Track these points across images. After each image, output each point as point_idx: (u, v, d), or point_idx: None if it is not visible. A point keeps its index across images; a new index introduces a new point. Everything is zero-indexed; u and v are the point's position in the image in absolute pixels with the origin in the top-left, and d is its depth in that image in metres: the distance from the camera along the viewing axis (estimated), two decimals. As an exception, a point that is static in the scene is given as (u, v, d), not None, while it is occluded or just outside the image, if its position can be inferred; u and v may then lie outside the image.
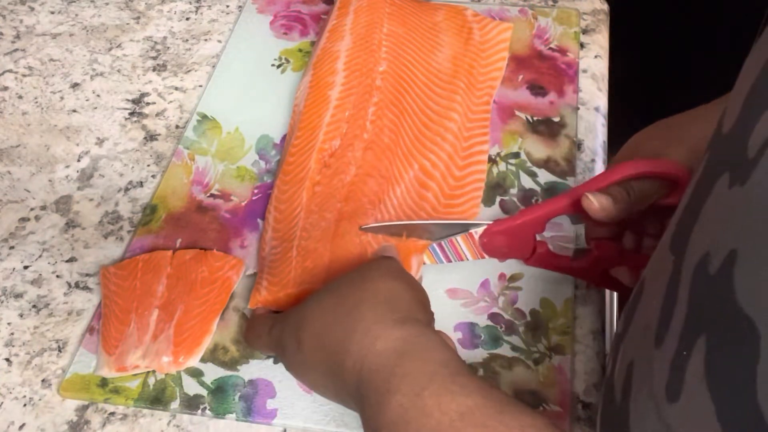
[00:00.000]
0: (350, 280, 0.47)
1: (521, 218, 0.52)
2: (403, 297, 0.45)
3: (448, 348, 0.42)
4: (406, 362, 0.40)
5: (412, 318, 0.43)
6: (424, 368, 0.39)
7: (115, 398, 0.52)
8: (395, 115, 0.63)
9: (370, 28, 0.69)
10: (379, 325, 0.42)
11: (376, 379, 0.40)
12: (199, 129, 0.68)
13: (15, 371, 0.54)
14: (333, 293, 0.47)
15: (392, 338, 0.41)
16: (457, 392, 0.38)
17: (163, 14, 0.81)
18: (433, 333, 0.43)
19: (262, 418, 0.51)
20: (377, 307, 0.43)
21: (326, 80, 0.66)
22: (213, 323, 0.54)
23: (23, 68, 0.77)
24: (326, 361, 0.44)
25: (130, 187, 0.65)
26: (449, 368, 0.40)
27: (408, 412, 0.38)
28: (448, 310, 0.55)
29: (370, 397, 0.40)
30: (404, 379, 0.39)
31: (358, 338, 0.42)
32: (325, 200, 0.58)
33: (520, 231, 0.52)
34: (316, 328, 0.45)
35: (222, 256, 0.58)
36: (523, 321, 0.54)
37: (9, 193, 0.66)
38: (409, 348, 0.41)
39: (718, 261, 0.28)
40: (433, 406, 0.37)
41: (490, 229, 0.53)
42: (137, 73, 0.75)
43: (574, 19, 0.75)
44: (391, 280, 0.46)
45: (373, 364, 0.41)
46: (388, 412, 0.38)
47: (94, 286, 0.59)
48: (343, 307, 0.45)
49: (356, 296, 0.45)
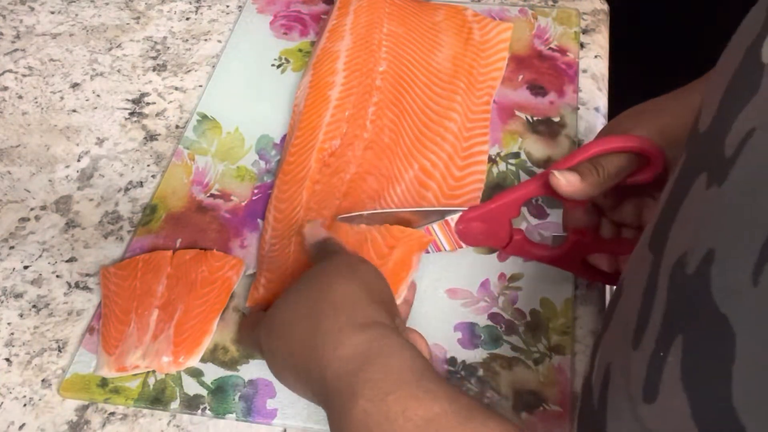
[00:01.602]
0: (309, 282, 0.46)
1: (496, 202, 0.52)
2: (361, 299, 0.44)
3: (414, 351, 0.41)
4: (370, 367, 0.39)
5: (375, 321, 0.42)
6: (388, 373, 0.39)
7: (115, 398, 0.52)
8: (395, 114, 0.63)
9: (370, 28, 0.69)
10: (341, 333, 0.41)
11: (341, 385, 0.39)
12: (199, 129, 0.68)
13: (15, 371, 0.54)
14: (295, 300, 0.46)
15: (355, 344, 0.41)
16: (422, 398, 0.37)
17: (163, 14, 0.81)
18: (396, 335, 0.42)
19: (262, 418, 0.51)
20: (337, 314, 0.43)
21: (326, 80, 0.66)
22: (213, 323, 0.54)
23: (23, 68, 0.77)
24: (294, 364, 0.44)
25: (130, 187, 0.65)
26: (414, 373, 0.39)
27: (372, 418, 0.37)
28: (448, 310, 0.55)
29: (335, 403, 0.40)
30: (368, 384, 0.38)
31: (320, 345, 0.41)
32: (325, 198, 0.58)
33: (496, 216, 0.53)
34: (283, 331, 0.45)
35: (222, 256, 0.58)
36: (523, 321, 0.54)
37: (9, 193, 0.66)
38: (373, 353, 0.40)
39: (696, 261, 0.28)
40: (398, 412, 0.37)
41: (466, 215, 0.53)
42: (137, 73, 0.75)
43: (574, 19, 0.75)
44: (348, 281, 0.45)
45: (337, 371, 0.40)
46: (352, 418, 0.38)
47: (94, 286, 0.59)
48: (304, 313, 0.44)
49: (313, 302, 0.44)
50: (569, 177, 0.48)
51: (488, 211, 0.53)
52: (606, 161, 0.49)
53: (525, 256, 0.55)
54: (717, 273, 0.27)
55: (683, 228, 0.31)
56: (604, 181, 0.48)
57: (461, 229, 0.54)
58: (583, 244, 0.53)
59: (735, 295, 0.26)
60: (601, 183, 0.48)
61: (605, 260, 0.53)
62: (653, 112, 0.51)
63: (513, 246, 0.54)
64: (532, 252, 0.54)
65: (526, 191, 0.52)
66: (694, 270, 0.28)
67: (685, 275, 0.29)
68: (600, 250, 0.53)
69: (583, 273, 0.55)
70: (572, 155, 0.49)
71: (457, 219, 0.53)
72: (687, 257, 0.29)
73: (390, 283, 0.52)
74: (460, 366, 0.52)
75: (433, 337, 0.53)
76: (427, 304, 0.55)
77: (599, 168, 0.48)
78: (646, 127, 0.49)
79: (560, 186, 0.48)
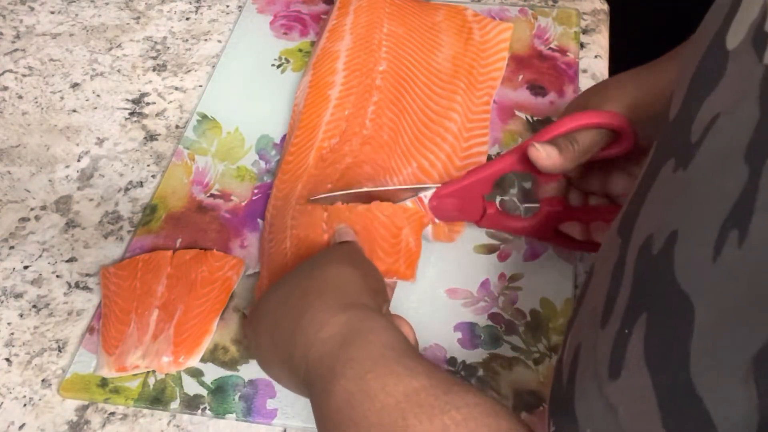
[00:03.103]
0: (302, 269, 0.47)
1: (469, 179, 0.53)
2: (352, 282, 0.44)
3: (395, 330, 0.41)
4: (350, 347, 0.39)
5: (359, 303, 0.43)
6: (368, 352, 0.39)
7: (115, 398, 0.52)
8: (395, 114, 0.63)
9: (370, 28, 0.69)
10: (324, 313, 0.42)
11: (321, 366, 0.40)
12: (199, 129, 0.68)
13: (15, 371, 0.54)
14: (286, 284, 0.46)
15: (337, 324, 0.41)
16: (402, 374, 0.38)
17: (163, 14, 0.81)
18: (379, 316, 0.42)
19: (262, 418, 0.51)
20: (324, 295, 0.43)
21: (326, 80, 0.66)
22: (213, 323, 0.54)
23: (23, 68, 0.77)
24: (279, 351, 0.44)
25: (130, 187, 0.65)
26: (395, 350, 0.39)
27: (353, 397, 0.37)
28: (448, 310, 0.55)
29: (317, 385, 0.40)
30: (348, 363, 0.39)
31: (305, 327, 0.42)
32: (316, 185, 0.58)
33: (469, 192, 0.53)
34: (270, 319, 0.45)
35: (222, 256, 0.58)
36: (523, 321, 0.54)
37: (9, 193, 0.66)
38: (353, 333, 0.40)
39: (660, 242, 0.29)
40: (378, 389, 0.37)
41: (439, 192, 0.54)
42: (137, 73, 0.75)
43: (574, 19, 0.75)
44: (340, 266, 0.46)
45: (318, 352, 0.40)
46: (333, 398, 0.38)
47: (94, 286, 0.59)
48: (293, 297, 0.44)
49: (305, 285, 0.45)
50: (549, 150, 0.49)
51: (461, 188, 0.53)
52: (580, 136, 0.50)
53: (499, 228, 0.56)
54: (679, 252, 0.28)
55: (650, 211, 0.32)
56: (580, 156, 0.50)
57: (435, 205, 0.54)
58: (555, 213, 0.54)
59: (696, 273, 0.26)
60: (577, 157, 0.50)
61: (577, 228, 0.54)
62: (621, 88, 0.52)
63: (487, 220, 0.55)
64: (505, 224, 0.55)
65: (500, 167, 0.52)
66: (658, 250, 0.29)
67: (650, 256, 0.29)
68: (571, 218, 0.54)
69: (556, 241, 0.56)
70: (547, 130, 0.50)
71: (430, 195, 0.54)
72: (653, 239, 0.30)
73: (407, 264, 0.53)
74: (460, 366, 0.52)
75: (433, 337, 0.53)
76: (427, 304, 0.55)
77: (574, 143, 0.50)
78: (616, 102, 0.51)
79: (540, 159, 0.49)
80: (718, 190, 0.27)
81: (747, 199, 0.25)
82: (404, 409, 0.36)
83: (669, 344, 0.26)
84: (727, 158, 0.27)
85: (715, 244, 0.26)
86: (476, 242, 0.58)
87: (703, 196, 0.28)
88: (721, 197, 0.27)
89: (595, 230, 0.54)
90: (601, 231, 0.53)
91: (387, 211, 0.54)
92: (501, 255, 0.57)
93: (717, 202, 0.27)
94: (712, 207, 0.27)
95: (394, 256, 0.54)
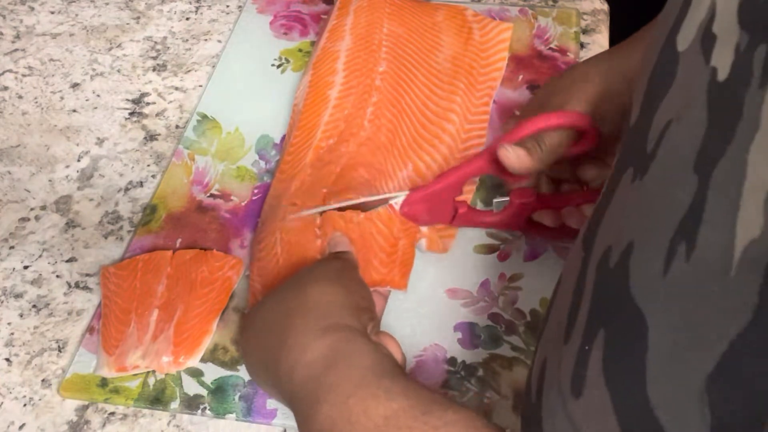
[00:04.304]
0: (288, 286, 0.47)
1: (440, 183, 0.53)
2: (334, 302, 0.44)
3: (377, 353, 0.41)
4: (332, 372, 0.40)
5: (341, 324, 0.43)
6: (349, 376, 0.39)
7: (115, 398, 0.52)
8: (393, 115, 0.63)
9: (370, 28, 0.69)
10: (306, 336, 0.42)
11: (304, 391, 0.40)
12: (199, 129, 0.68)
13: (15, 371, 0.54)
14: (273, 301, 0.47)
15: (318, 348, 0.41)
16: (381, 396, 0.38)
17: (163, 14, 0.81)
18: (361, 337, 0.42)
19: (262, 418, 0.51)
20: (307, 316, 0.43)
21: (326, 80, 0.66)
22: (213, 323, 0.54)
23: (23, 68, 0.77)
24: (265, 368, 0.44)
25: (130, 187, 0.65)
26: (375, 373, 0.39)
27: (336, 424, 0.38)
28: (448, 310, 0.55)
29: (302, 409, 0.40)
30: (330, 389, 0.39)
31: (288, 349, 0.42)
32: (311, 187, 0.57)
33: (440, 196, 0.54)
34: (257, 335, 0.45)
35: (222, 256, 0.58)
36: (523, 321, 0.54)
37: (9, 193, 0.66)
38: (336, 357, 0.40)
39: (617, 254, 0.29)
40: (360, 413, 0.37)
41: (410, 198, 0.54)
42: (137, 73, 0.75)
43: (574, 19, 0.75)
44: (324, 284, 0.45)
45: (301, 377, 0.41)
46: (316, 424, 0.38)
47: (94, 286, 0.59)
48: (278, 317, 0.44)
49: (287, 305, 0.45)
50: (519, 152, 0.50)
51: (432, 193, 0.54)
52: (547, 137, 0.50)
53: (472, 225, 0.56)
54: (634, 265, 0.28)
55: (610, 223, 0.32)
56: (547, 157, 0.51)
57: (406, 211, 0.55)
58: (526, 205, 0.54)
59: (648, 288, 0.26)
60: (544, 158, 0.51)
61: (549, 216, 0.55)
62: (587, 82, 0.52)
63: (459, 219, 0.55)
64: (478, 220, 0.56)
65: (469, 170, 0.53)
66: (615, 263, 0.29)
67: (608, 269, 0.29)
68: (543, 206, 0.55)
69: (530, 231, 0.56)
70: (515, 131, 0.51)
71: (401, 202, 0.54)
72: (611, 251, 0.30)
73: (401, 274, 0.53)
74: (460, 366, 0.52)
75: (433, 337, 0.53)
76: (427, 304, 0.55)
77: (541, 144, 0.50)
78: (577, 100, 0.51)
79: (510, 160, 0.50)
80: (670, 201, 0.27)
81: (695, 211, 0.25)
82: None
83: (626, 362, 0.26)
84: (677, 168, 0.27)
85: (665, 258, 0.26)
86: (476, 242, 0.58)
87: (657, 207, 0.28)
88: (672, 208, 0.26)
89: (566, 216, 0.54)
90: (573, 215, 0.54)
91: (385, 221, 0.54)
92: (501, 255, 0.57)
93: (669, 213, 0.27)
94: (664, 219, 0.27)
95: (389, 266, 0.53)
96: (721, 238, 0.24)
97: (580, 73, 0.53)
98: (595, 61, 0.53)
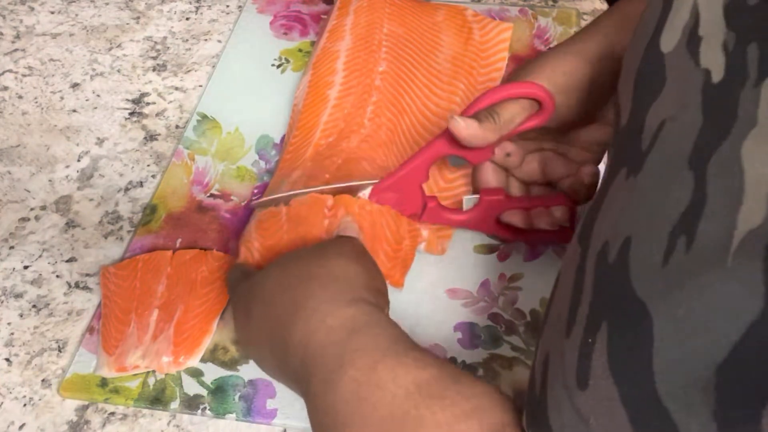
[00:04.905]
0: (307, 255, 0.46)
1: (404, 169, 0.54)
2: (358, 279, 0.44)
3: (398, 326, 0.42)
4: (358, 338, 0.39)
5: (365, 299, 0.43)
6: (376, 343, 0.39)
7: (115, 398, 0.52)
8: (393, 115, 0.63)
9: (370, 28, 0.69)
10: (329, 304, 0.41)
11: (326, 355, 0.39)
12: (199, 129, 0.68)
13: (15, 371, 0.54)
14: (287, 266, 0.46)
15: (343, 317, 0.41)
16: (411, 365, 0.38)
17: (163, 14, 0.81)
18: (383, 312, 0.42)
19: (262, 418, 0.51)
20: (329, 286, 0.43)
21: (326, 79, 0.66)
22: (213, 323, 0.54)
23: (23, 68, 0.77)
24: (271, 335, 0.43)
25: (130, 187, 0.65)
26: (403, 342, 0.39)
27: (362, 387, 0.37)
28: (448, 310, 0.55)
29: (319, 374, 0.39)
30: (356, 353, 0.38)
31: (307, 315, 0.41)
32: (314, 174, 0.57)
33: (407, 183, 0.54)
34: (265, 299, 0.44)
35: (222, 256, 0.58)
36: (523, 321, 0.54)
37: (9, 193, 0.66)
38: (360, 325, 0.40)
39: (616, 249, 0.29)
40: (388, 380, 0.37)
41: (378, 187, 0.54)
42: (137, 73, 0.75)
43: (574, 19, 0.75)
44: (348, 260, 0.45)
45: (322, 341, 0.40)
46: (340, 388, 0.38)
47: (94, 286, 0.59)
48: (294, 281, 0.44)
49: (309, 272, 0.44)
50: (468, 121, 0.49)
51: (399, 179, 0.54)
52: (501, 108, 0.50)
53: (440, 222, 0.56)
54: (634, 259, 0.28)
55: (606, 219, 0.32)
56: (501, 127, 0.50)
57: (375, 202, 0.55)
58: (494, 203, 0.54)
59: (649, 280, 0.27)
60: (498, 128, 0.50)
61: (518, 217, 0.55)
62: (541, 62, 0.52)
63: (428, 214, 0.55)
64: (446, 218, 0.56)
65: (431, 152, 0.53)
66: (614, 258, 0.29)
67: (607, 264, 0.30)
68: (511, 207, 0.55)
69: (499, 232, 0.56)
70: (469, 106, 0.51)
71: (369, 193, 0.54)
72: (608, 246, 0.30)
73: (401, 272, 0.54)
74: (460, 366, 0.52)
75: (433, 337, 0.53)
76: (427, 304, 0.55)
77: (495, 115, 0.50)
78: (534, 72, 0.51)
79: (460, 130, 0.49)
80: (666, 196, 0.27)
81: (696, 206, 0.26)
82: (416, 400, 0.36)
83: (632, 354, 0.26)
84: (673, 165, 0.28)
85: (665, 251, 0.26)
86: (476, 242, 0.58)
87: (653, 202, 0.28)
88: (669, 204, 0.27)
89: (535, 217, 0.54)
90: (542, 217, 0.54)
91: (395, 217, 0.55)
92: (501, 255, 0.57)
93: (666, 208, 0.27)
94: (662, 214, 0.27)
95: (393, 261, 0.54)
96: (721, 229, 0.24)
97: (540, 58, 0.53)
98: (557, 46, 0.53)
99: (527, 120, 0.51)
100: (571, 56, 0.51)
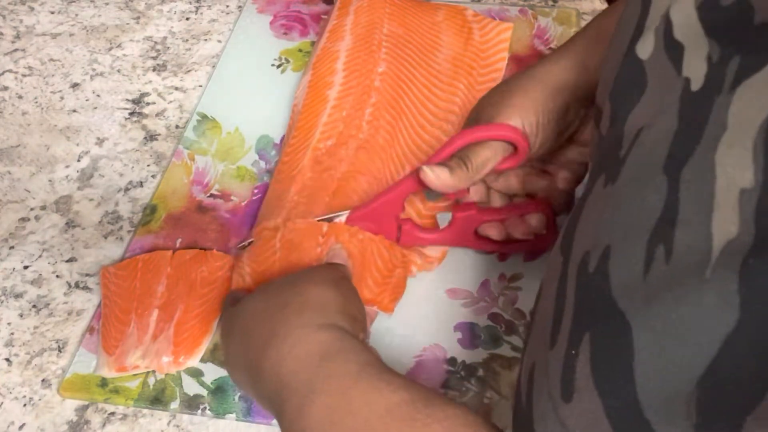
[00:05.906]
0: (287, 282, 0.47)
1: (377, 201, 0.54)
2: (332, 305, 0.44)
3: (370, 351, 0.41)
4: (329, 364, 0.39)
5: (337, 325, 0.42)
6: (348, 369, 0.39)
7: (115, 398, 0.52)
8: (392, 116, 0.63)
9: (370, 28, 0.69)
10: (301, 330, 0.41)
11: (297, 382, 0.39)
12: (199, 129, 0.68)
13: (15, 371, 0.54)
14: (266, 294, 0.46)
15: (315, 342, 0.41)
16: (384, 389, 0.38)
17: (163, 14, 0.81)
18: (356, 338, 0.42)
19: (262, 418, 0.51)
20: (303, 312, 0.43)
21: (325, 80, 0.66)
22: (213, 323, 0.54)
23: (23, 68, 0.77)
24: (247, 360, 0.43)
25: (130, 187, 0.65)
26: (373, 367, 0.39)
27: (335, 412, 0.37)
28: (448, 310, 0.55)
29: (292, 400, 0.39)
30: (328, 380, 0.39)
31: (278, 342, 0.41)
32: (314, 193, 0.57)
33: (381, 214, 0.54)
34: (244, 325, 0.45)
35: (222, 256, 0.58)
36: (523, 321, 0.54)
37: (9, 193, 0.66)
38: (331, 351, 0.40)
39: (596, 258, 0.29)
40: (361, 404, 0.37)
41: (351, 216, 0.54)
42: (137, 73, 0.75)
43: (574, 19, 0.75)
44: (325, 287, 0.45)
45: (292, 367, 0.40)
46: (314, 413, 0.38)
47: (94, 286, 0.59)
48: (271, 308, 0.44)
49: (284, 299, 0.44)
50: (438, 172, 0.49)
51: (372, 210, 0.54)
52: (473, 153, 0.49)
53: (418, 243, 0.56)
54: (614, 269, 0.28)
55: (585, 228, 0.32)
56: (473, 173, 0.50)
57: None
58: (469, 218, 0.54)
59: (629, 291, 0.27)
60: (470, 176, 0.49)
61: (495, 229, 0.54)
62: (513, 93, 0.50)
63: (404, 237, 0.55)
64: (423, 238, 0.56)
65: (405, 187, 0.53)
66: (594, 267, 0.29)
67: (588, 274, 0.30)
68: (486, 219, 0.54)
69: (478, 245, 0.56)
70: (441, 149, 0.50)
71: (344, 221, 0.54)
72: (589, 256, 0.30)
73: (391, 298, 0.53)
74: (460, 366, 0.52)
75: (433, 337, 0.53)
76: (427, 304, 0.55)
77: (467, 161, 0.49)
78: (508, 115, 0.50)
79: (430, 181, 0.49)
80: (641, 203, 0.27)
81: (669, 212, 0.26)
82: (387, 423, 0.36)
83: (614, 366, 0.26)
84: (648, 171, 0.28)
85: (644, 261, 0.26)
86: (476, 242, 0.58)
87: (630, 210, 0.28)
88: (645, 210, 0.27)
89: (510, 227, 0.54)
90: (517, 226, 0.54)
91: (387, 246, 0.55)
92: (501, 255, 0.57)
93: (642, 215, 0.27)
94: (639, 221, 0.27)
95: (382, 287, 0.53)
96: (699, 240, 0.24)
97: (513, 85, 0.51)
98: (529, 71, 0.51)
99: (501, 163, 0.50)
100: (543, 85, 0.49)
